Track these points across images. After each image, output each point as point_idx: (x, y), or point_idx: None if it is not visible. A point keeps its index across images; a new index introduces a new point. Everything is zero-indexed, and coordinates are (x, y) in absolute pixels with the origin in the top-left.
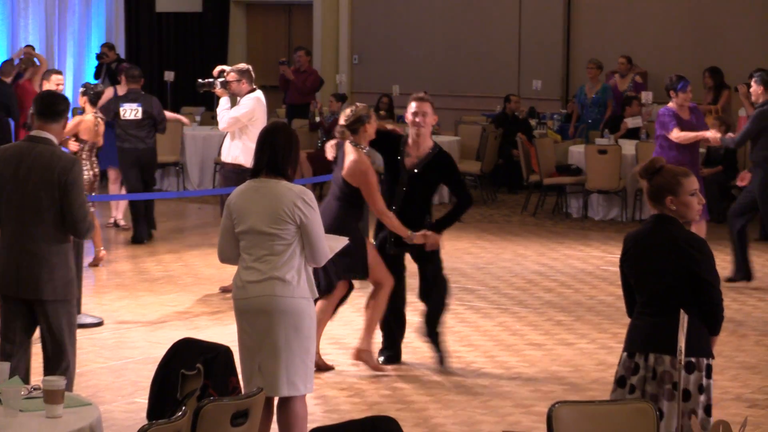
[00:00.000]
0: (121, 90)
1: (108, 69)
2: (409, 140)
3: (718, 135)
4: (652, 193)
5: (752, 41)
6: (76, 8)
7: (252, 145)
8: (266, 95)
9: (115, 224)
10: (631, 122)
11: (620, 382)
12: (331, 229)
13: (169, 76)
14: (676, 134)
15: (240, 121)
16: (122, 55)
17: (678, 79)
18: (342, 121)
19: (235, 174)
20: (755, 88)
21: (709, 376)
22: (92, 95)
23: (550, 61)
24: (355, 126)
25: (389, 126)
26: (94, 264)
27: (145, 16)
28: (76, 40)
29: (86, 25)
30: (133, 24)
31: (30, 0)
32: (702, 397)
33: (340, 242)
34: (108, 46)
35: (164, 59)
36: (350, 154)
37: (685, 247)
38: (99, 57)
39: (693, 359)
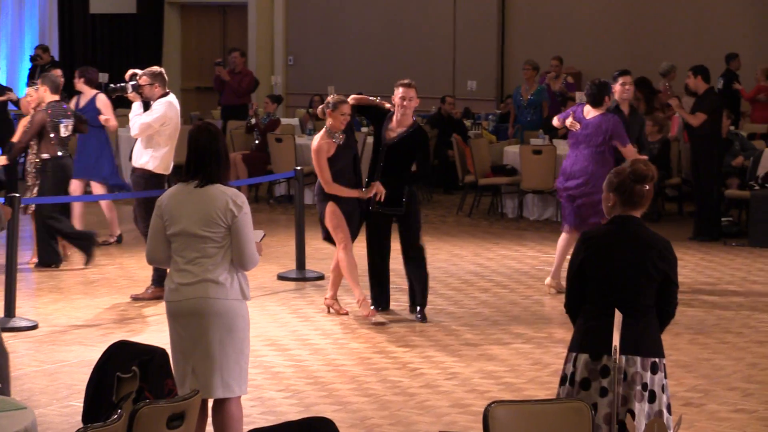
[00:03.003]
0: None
1: (42, 71)
2: (394, 119)
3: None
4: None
5: (685, 41)
6: (9, 10)
7: (162, 150)
8: (202, 96)
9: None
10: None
11: (583, 384)
12: (318, 197)
13: (103, 77)
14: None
15: (152, 126)
16: (56, 57)
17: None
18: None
19: (143, 179)
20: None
21: (665, 375)
22: None
23: (485, 61)
24: (323, 112)
25: (378, 101)
26: None
27: (78, 18)
28: (9, 42)
29: (19, 26)
30: (66, 25)
31: None
32: (664, 397)
33: (257, 236)
34: (42, 48)
35: (98, 61)
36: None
37: (662, 250)
38: (33, 59)
39: (657, 360)
